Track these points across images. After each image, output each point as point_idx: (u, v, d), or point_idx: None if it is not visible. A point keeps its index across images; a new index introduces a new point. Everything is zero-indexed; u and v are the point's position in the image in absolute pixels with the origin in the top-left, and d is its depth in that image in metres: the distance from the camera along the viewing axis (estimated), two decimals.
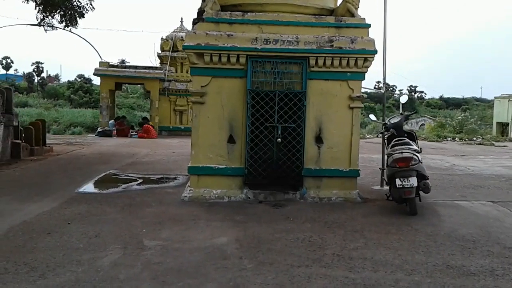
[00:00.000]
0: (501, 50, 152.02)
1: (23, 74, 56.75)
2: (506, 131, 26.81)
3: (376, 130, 23.78)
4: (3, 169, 8.31)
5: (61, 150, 11.49)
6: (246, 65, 5.87)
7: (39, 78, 55.33)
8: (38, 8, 12.39)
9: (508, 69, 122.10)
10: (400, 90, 63.27)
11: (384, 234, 4.60)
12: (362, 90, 6.20)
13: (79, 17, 12.71)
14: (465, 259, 3.88)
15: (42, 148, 10.71)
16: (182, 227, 4.72)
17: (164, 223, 4.85)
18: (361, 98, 6.06)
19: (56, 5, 12.19)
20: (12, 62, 60.77)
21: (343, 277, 3.44)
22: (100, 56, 21.95)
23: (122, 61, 43.21)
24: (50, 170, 8.61)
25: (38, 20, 12.80)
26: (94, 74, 18.57)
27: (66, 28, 13.12)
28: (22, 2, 12.12)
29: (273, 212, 5.46)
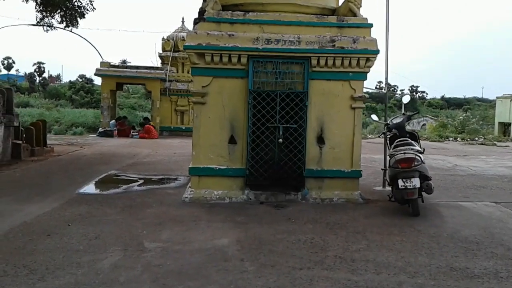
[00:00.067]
0: (502, 51, 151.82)
1: (25, 74, 56.67)
2: (508, 131, 26.72)
3: (377, 130, 23.71)
4: (4, 169, 8.30)
5: (62, 151, 11.48)
6: (247, 65, 5.84)
7: (41, 78, 55.28)
8: (38, 7, 12.37)
9: (509, 69, 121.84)
10: (401, 90, 63.22)
11: (386, 235, 4.56)
12: (364, 90, 6.17)
13: (80, 17, 12.69)
14: (468, 261, 3.84)
15: (43, 148, 10.70)
16: (183, 228, 4.69)
17: (164, 224, 4.82)
18: (363, 98, 6.03)
19: (56, 5, 12.17)
20: (13, 62, 60.83)
21: (346, 279, 3.41)
22: (101, 56, 21.88)
23: (123, 61, 43.23)
24: (51, 170, 8.60)
25: (38, 19, 12.78)
26: (95, 74, 18.55)
27: (67, 28, 13.09)
28: (22, 1, 12.12)
29: (274, 213, 5.42)
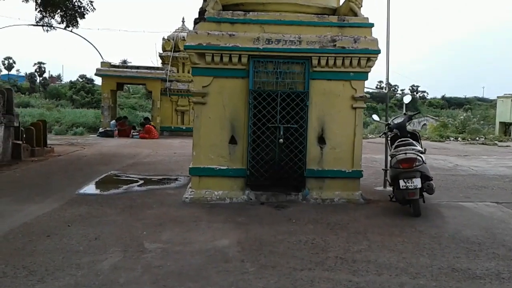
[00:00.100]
0: (503, 50, 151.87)
1: (25, 74, 56.72)
2: (509, 131, 26.72)
3: (378, 129, 23.69)
4: (4, 170, 8.29)
5: (62, 151, 11.47)
6: (248, 65, 5.82)
7: (41, 78, 55.33)
8: (37, 7, 12.35)
9: (510, 69, 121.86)
10: (402, 90, 63.21)
11: (387, 236, 4.54)
12: (364, 90, 6.15)
13: (80, 17, 12.67)
14: (470, 262, 3.82)
15: (43, 148, 10.69)
16: (183, 229, 4.67)
17: (165, 225, 4.80)
18: (364, 98, 6.00)
19: (56, 5, 12.16)
20: (14, 63, 60.85)
21: (347, 280, 3.38)
22: (101, 56, 21.96)
23: (124, 61, 43.23)
24: (51, 171, 8.58)
25: (37, 19, 12.76)
26: (95, 74, 18.56)
27: (67, 28, 13.08)
28: (22, 1, 12.10)
29: (275, 213, 5.40)
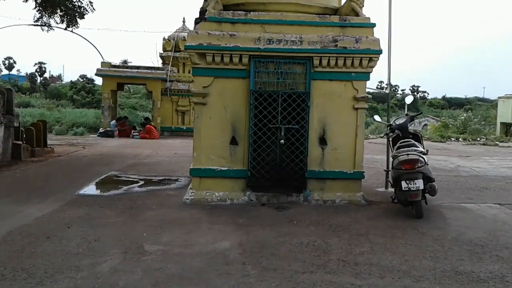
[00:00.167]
0: (503, 50, 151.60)
1: (26, 74, 56.77)
2: (510, 132, 26.64)
3: (378, 130, 23.66)
4: (4, 170, 8.25)
5: (62, 151, 11.44)
6: (248, 65, 5.78)
7: (42, 78, 55.37)
8: (37, 6, 12.31)
9: (510, 69, 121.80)
10: (402, 90, 63.18)
11: (390, 238, 4.50)
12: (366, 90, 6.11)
13: (79, 17, 12.65)
14: (474, 265, 3.78)
15: (43, 149, 10.66)
16: (184, 231, 4.63)
17: (165, 227, 4.76)
18: (365, 98, 5.97)
19: (56, 5, 12.12)
20: (14, 63, 60.83)
21: (349, 283, 3.35)
22: (102, 56, 21.93)
23: (124, 61, 43.28)
24: (51, 171, 8.55)
25: (35, 19, 12.72)
26: (96, 74, 18.52)
27: (68, 28, 13.05)
28: (23, 1, 12.07)
29: (276, 215, 5.37)
